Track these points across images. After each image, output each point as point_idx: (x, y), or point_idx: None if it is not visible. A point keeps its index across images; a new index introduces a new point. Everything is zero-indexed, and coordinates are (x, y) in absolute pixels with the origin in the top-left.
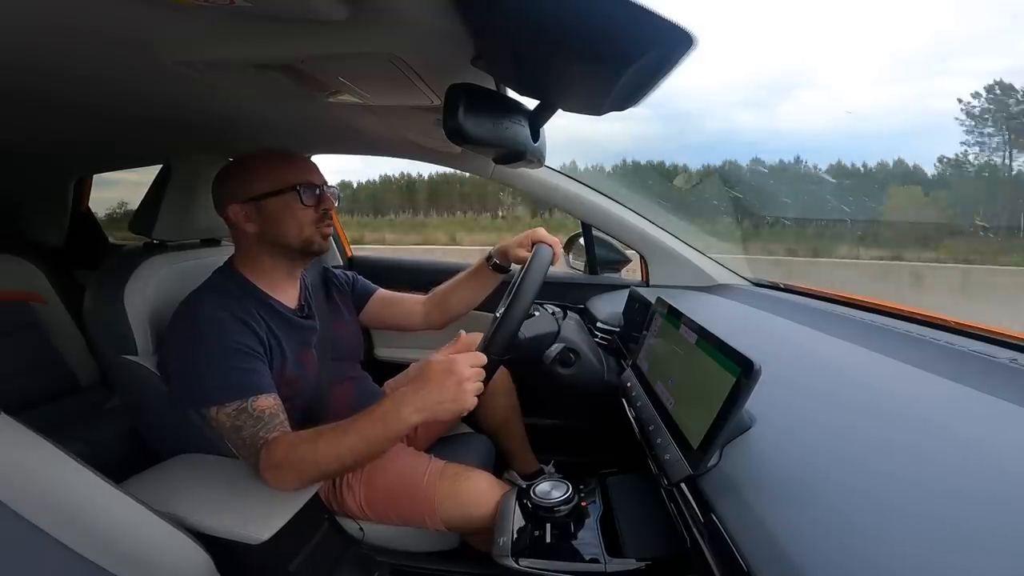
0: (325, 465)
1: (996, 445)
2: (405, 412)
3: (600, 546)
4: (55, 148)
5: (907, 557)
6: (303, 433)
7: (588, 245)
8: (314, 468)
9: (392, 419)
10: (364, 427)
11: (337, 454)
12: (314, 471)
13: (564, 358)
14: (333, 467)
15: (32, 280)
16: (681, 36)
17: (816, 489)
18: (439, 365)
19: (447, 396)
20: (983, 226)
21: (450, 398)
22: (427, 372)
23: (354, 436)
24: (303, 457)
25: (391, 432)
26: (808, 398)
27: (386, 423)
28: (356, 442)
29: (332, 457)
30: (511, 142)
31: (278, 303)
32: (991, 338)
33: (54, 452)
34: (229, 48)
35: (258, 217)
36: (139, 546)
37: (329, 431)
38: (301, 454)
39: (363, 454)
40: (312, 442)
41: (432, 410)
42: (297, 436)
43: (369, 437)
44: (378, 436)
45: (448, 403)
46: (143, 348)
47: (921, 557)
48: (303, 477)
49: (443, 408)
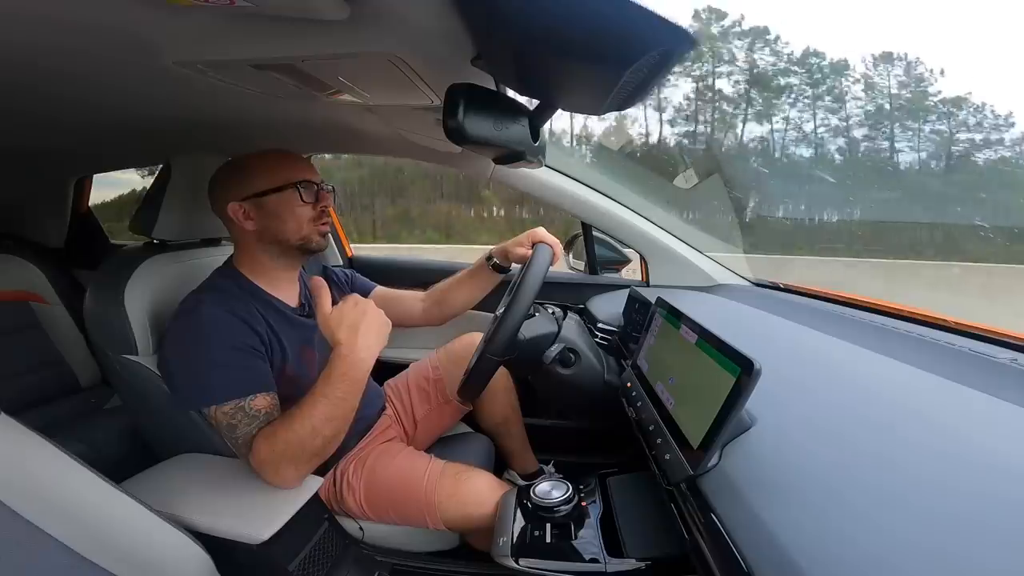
0: (308, 442)
1: (996, 445)
2: (360, 357)
3: (600, 546)
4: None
5: (907, 557)
6: (277, 420)
7: (588, 245)
8: (299, 449)
9: (353, 369)
10: (330, 392)
11: (313, 427)
12: (300, 452)
13: (564, 358)
14: (316, 442)
15: (32, 280)
16: (681, 36)
17: (816, 489)
18: (350, 309)
19: (379, 325)
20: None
21: (382, 324)
22: (348, 319)
23: (324, 404)
24: (286, 441)
25: (357, 384)
26: (808, 398)
27: (348, 377)
28: (329, 409)
29: (310, 432)
30: (511, 142)
31: (279, 301)
32: (991, 338)
33: (54, 452)
34: (229, 48)
35: (257, 214)
36: (139, 546)
37: (298, 410)
38: (282, 440)
39: (339, 418)
40: (287, 426)
41: (377, 344)
42: (272, 426)
43: (338, 399)
44: (345, 394)
45: (383, 328)
46: (143, 348)
47: (921, 556)
48: (294, 463)
49: (381, 336)
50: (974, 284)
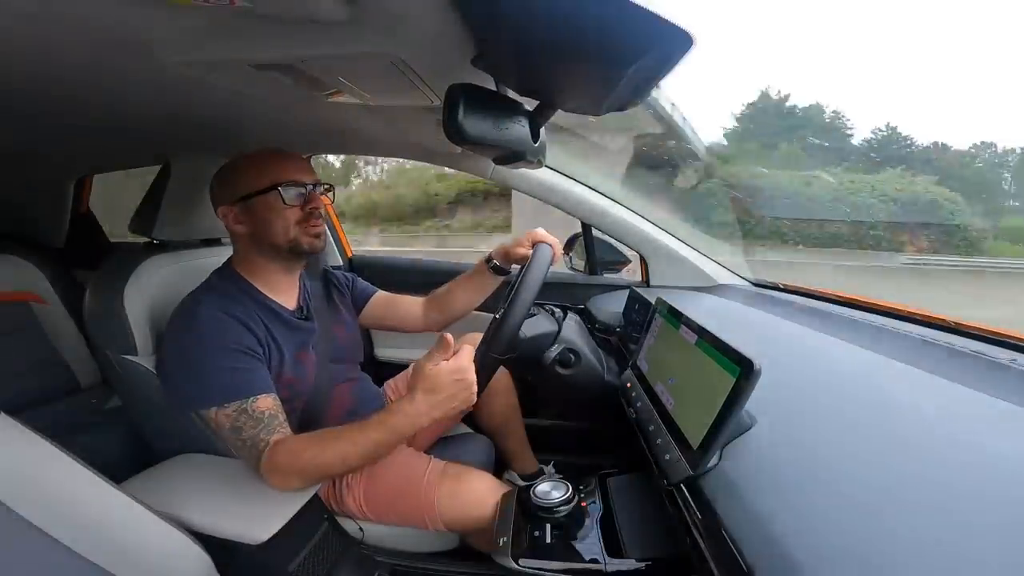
0: (330, 468)
1: (996, 446)
2: (421, 421)
3: (600, 546)
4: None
5: (907, 556)
6: (307, 437)
7: (588, 245)
8: (317, 472)
9: (406, 428)
10: (374, 434)
11: (343, 459)
12: (316, 474)
13: (564, 358)
14: (338, 470)
15: (32, 280)
16: (681, 36)
17: (816, 489)
18: (448, 372)
19: (460, 400)
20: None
21: (463, 401)
22: (435, 380)
23: (364, 443)
24: (309, 461)
25: (401, 439)
26: (808, 398)
27: (398, 432)
28: (365, 447)
29: (339, 462)
30: (511, 142)
31: (276, 304)
32: (991, 338)
33: (54, 452)
34: (229, 48)
35: (246, 218)
36: (139, 546)
37: (335, 439)
38: (307, 458)
39: (372, 459)
40: (319, 447)
41: (446, 415)
42: (300, 441)
43: (379, 444)
44: (388, 443)
45: (460, 405)
46: (143, 348)
47: (921, 556)
48: (306, 479)
49: (456, 411)
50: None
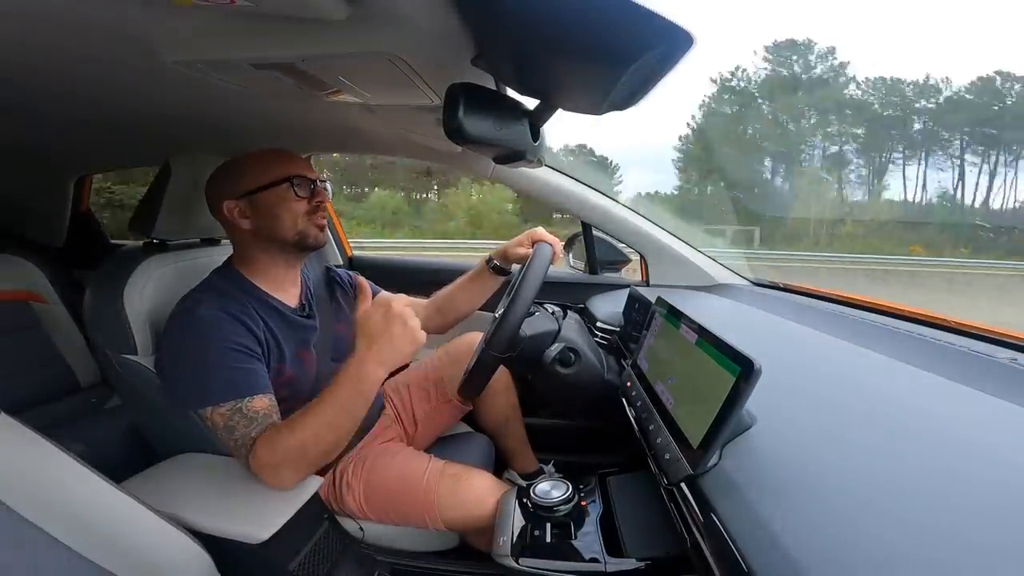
0: (310, 448)
1: (996, 445)
2: (370, 369)
3: (600, 546)
4: (55, 148)
5: (907, 556)
6: (280, 425)
7: (588, 245)
8: (299, 455)
9: (360, 381)
10: (335, 399)
11: (315, 433)
12: (301, 458)
13: (564, 358)
14: (319, 448)
15: (32, 280)
16: (681, 36)
17: (816, 488)
18: (377, 316)
19: (402, 340)
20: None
21: (407, 340)
22: (369, 327)
23: (328, 410)
24: (286, 446)
25: (363, 395)
26: (808, 398)
27: (355, 387)
28: (332, 416)
29: (312, 437)
30: (511, 142)
31: (278, 302)
32: (991, 338)
33: (54, 452)
34: (229, 48)
35: (252, 212)
36: (139, 546)
37: (301, 415)
38: (284, 445)
39: (342, 426)
40: (289, 430)
41: (393, 359)
42: (274, 431)
43: (342, 407)
44: (351, 403)
45: (406, 345)
46: (143, 348)
47: (921, 556)
48: (294, 467)
49: (402, 352)
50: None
